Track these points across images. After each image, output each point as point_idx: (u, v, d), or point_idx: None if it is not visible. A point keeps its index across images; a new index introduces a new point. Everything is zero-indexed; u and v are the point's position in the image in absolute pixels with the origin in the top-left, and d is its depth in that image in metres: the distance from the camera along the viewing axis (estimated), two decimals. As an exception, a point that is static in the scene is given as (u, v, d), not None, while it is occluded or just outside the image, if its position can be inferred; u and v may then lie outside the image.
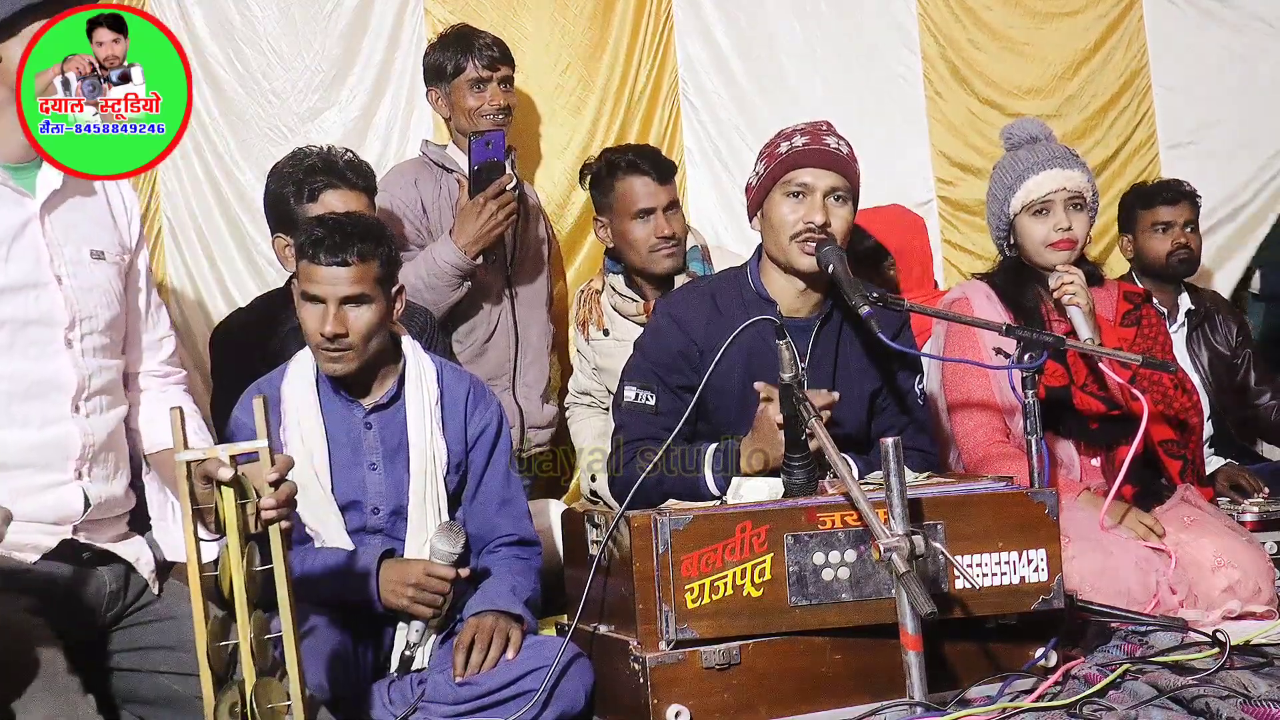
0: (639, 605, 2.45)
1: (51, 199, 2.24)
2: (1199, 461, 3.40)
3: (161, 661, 2.22)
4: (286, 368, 2.78)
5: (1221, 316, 4.35)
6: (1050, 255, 3.20)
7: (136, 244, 2.41)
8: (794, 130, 2.86)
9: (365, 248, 2.64)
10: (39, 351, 2.19)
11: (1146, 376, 3.14)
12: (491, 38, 3.69)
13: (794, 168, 2.79)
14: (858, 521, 2.46)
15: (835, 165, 2.81)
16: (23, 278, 2.18)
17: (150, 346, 2.45)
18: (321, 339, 2.63)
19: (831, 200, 2.80)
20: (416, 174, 3.69)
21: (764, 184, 2.84)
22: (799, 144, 2.81)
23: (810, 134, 2.84)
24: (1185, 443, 3.28)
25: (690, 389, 2.82)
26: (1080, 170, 3.22)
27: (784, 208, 2.80)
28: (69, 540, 2.19)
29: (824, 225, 2.77)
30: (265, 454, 2.05)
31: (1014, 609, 2.57)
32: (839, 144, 2.84)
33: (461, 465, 2.79)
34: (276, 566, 2.04)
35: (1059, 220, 3.18)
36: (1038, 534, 2.57)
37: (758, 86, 4.39)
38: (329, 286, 2.62)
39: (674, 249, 3.55)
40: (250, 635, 2.01)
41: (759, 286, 2.88)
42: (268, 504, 2.04)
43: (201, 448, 2.05)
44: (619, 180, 3.56)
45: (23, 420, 2.17)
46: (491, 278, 3.65)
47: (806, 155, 2.79)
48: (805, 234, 2.77)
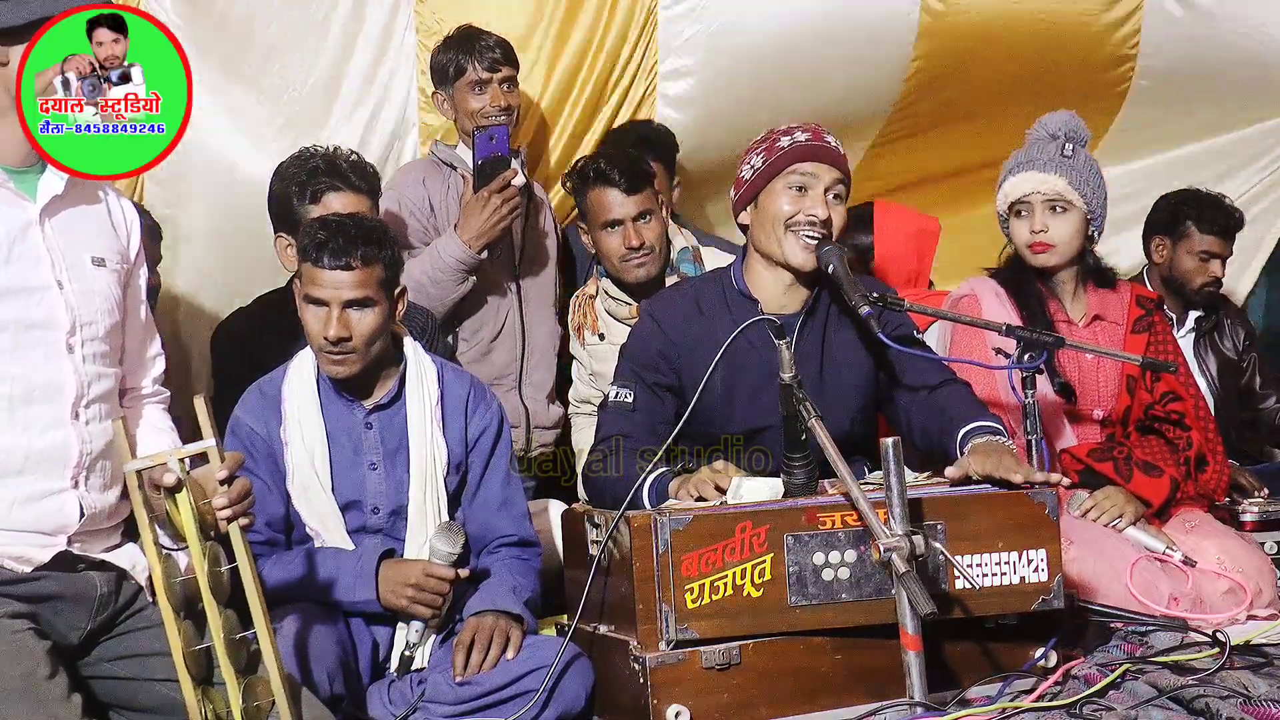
0: (639, 605, 2.45)
1: (52, 204, 2.23)
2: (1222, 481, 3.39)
3: (158, 669, 2.21)
4: (287, 367, 2.78)
5: (1230, 323, 4.35)
6: (1030, 257, 3.20)
7: (136, 257, 2.41)
8: (793, 127, 2.87)
9: (369, 251, 2.64)
10: (41, 356, 2.19)
11: None
12: (495, 38, 3.68)
13: (798, 160, 2.80)
14: (858, 521, 2.46)
15: (838, 163, 2.83)
16: (23, 281, 2.18)
17: (144, 363, 2.45)
18: (325, 342, 2.64)
19: (831, 197, 2.81)
20: (425, 173, 3.69)
21: (764, 175, 2.83)
22: (802, 139, 2.82)
23: (812, 131, 2.85)
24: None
25: (669, 388, 2.83)
26: (1064, 174, 3.19)
27: (784, 199, 2.80)
28: (63, 552, 2.19)
29: (826, 220, 2.78)
30: (214, 453, 2.04)
31: (1014, 609, 2.57)
32: (838, 143, 2.86)
33: (461, 466, 2.79)
34: (241, 564, 2.04)
35: (1034, 223, 3.19)
36: (1038, 534, 2.57)
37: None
38: (332, 290, 2.62)
39: (645, 258, 3.51)
40: (222, 635, 2.01)
41: (741, 285, 2.88)
42: (219, 503, 2.04)
43: (148, 454, 2.04)
44: (590, 190, 3.55)
45: (24, 425, 2.17)
46: (498, 275, 3.65)
47: (811, 150, 2.81)
48: (807, 226, 2.78)
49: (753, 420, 2.82)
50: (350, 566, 2.62)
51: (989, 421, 2.75)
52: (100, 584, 2.22)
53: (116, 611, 2.25)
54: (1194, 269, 4.21)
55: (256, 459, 2.69)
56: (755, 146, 2.89)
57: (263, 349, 3.08)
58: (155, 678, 2.22)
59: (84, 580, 2.21)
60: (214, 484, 2.06)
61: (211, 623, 2.02)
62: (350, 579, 2.61)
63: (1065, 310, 3.25)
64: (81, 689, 2.11)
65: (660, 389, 2.83)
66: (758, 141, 2.90)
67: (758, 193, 2.85)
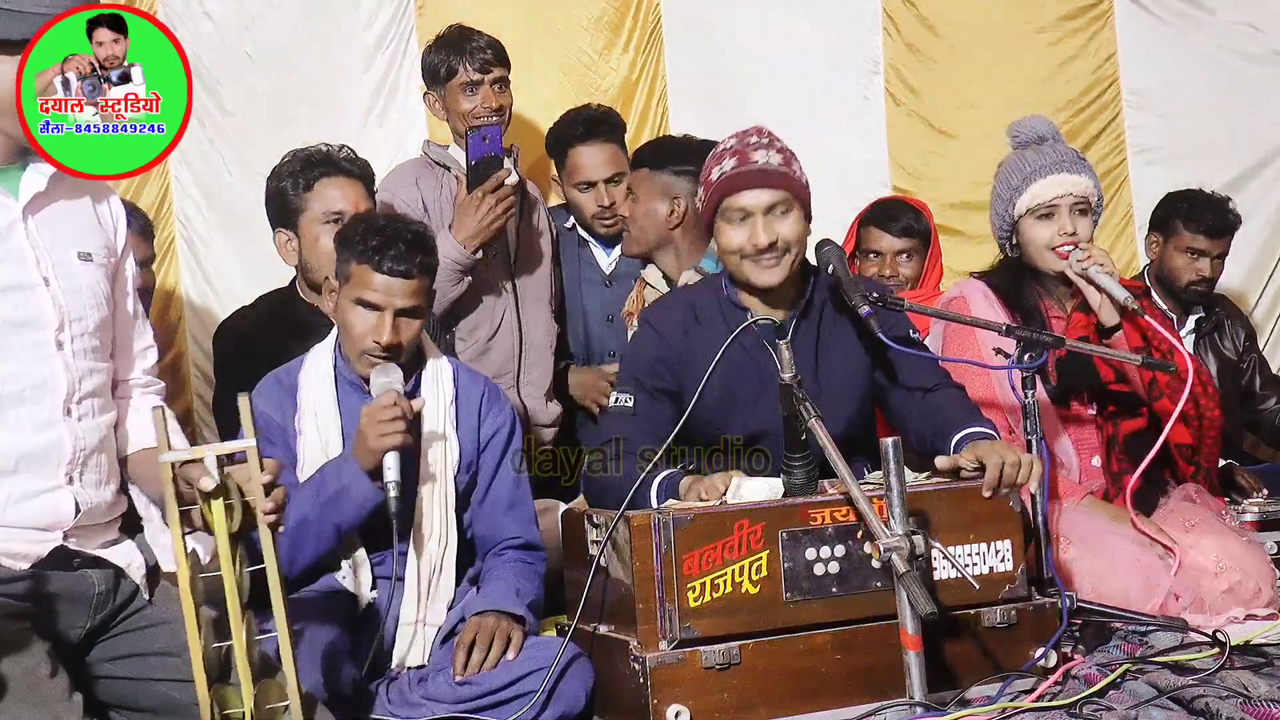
0: (639, 605, 2.45)
1: (35, 201, 2.22)
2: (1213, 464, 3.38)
3: (158, 668, 2.21)
4: (304, 359, 2.80)
5: (1230, 323, 4.36)
6: (1052, 260, 3.19)
7: (123, 250, 2.40)
8: (724, 150, 2.83)
9: (426, 261, 2.70)
10: (31, 354, 2.18)
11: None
12: (486, 39, 3.67)
13: (728, 194, 2.77)
14: (846, 517, 2.49)
15: (769, 182, 2.77)
16: (10, 279, 2.17)
17: (137, 355, 2.45)
18: (374, 345, 2.65)
19: (775, 216, 2.77)
20: (418, 174, 3.69)
21: (707, 211, 2.84)
22: (729, 168, 2.78)
23: (738, 154, 2.79)
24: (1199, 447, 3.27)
25: (668, 393, 2.83)
26: (1087, 175, 3.20)
27: (729, 233, 2.79)
28: (60, 547, 2.19)
29: (772, 243, 2.75)
30: (253, 454, 2.03)
31: (984, 598, 2.60)
32: (768, 157, 2.79)
33: (473, 465, 2.80)
34: (269, 566, 2.03)
35: (1064, 225, 3.16)
36: (1004, 526, 2.63)
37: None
38: (387, 296, 2.65)
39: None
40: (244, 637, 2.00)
41: (731, 293, 2.88)
42: (267, 507, 2.03)
43: (187, 448, 2.03)
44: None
45: (15, 424, 2.16)
46: (494, 274, 3.65)
47: (740, 178, 2.76)
48: (755, 254, 2.76)
49: (752, 425, 2.82)
50: (329, 468, 2.64)
51: (983, 427, 2.76)
52: (98, 582, 2.22)
53: (115, 610, 2.25)
54: (1182, 266, 4.26)
55: (273, 441, 2.71)
56: (702, 175, 2.88)
57: (265, 347, 3.09)
58: (155, 677, 2.22)
59: (82, 579, 2.21)
60: (251, 484, 2.03)
61: (233, 624, 2.01)
62: (333, 473, 2.62)
63: (1059, 309, 3.24)
64: (82, 688, 2.11)
65: (660, 394, 2.83)
66: (704, 168, 2.87)
67: (710, 226, 2.86)
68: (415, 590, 2.69)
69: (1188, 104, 4.86)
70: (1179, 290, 4.27)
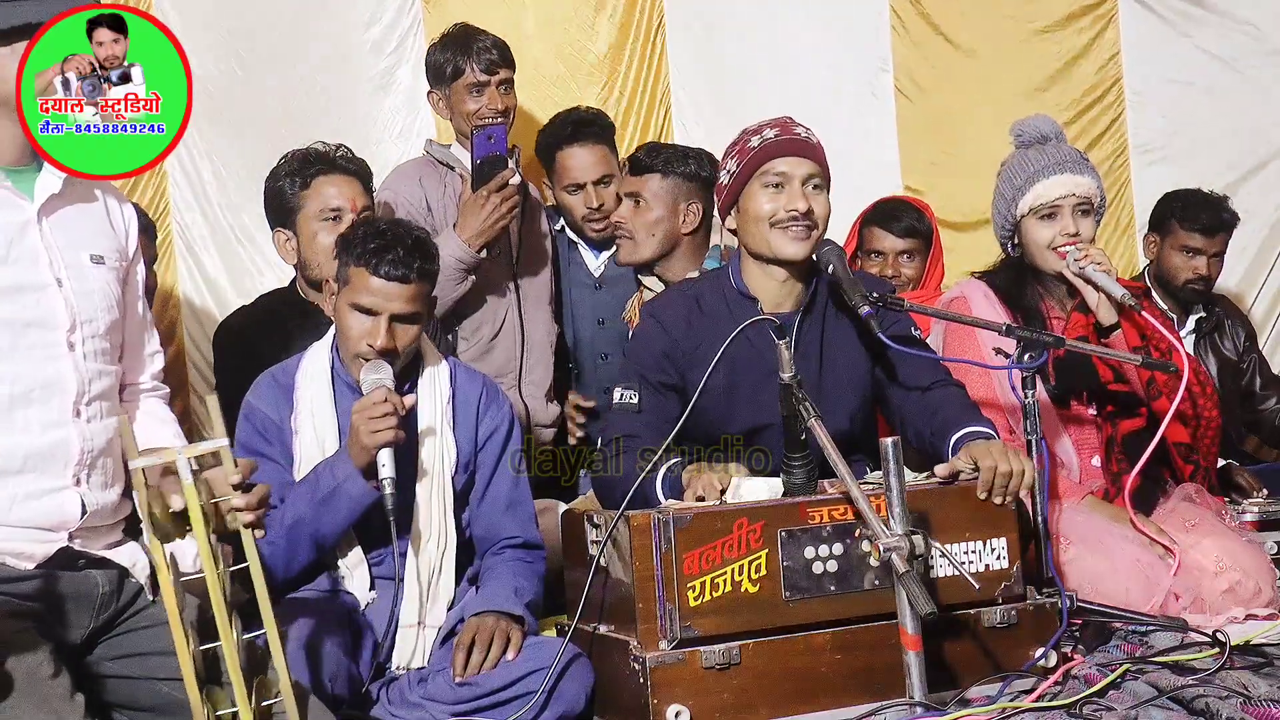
0: (639, 605, 2.45)
1: (50, 203, 2.23)
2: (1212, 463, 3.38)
3: (159, 668, 2.21)
4: (301, 357, 2.80)
5: (1231, 323, 4.36)
6: (1053, 260, 3.18)
7: (134, 254, 2.41)
8: (761, 125, 2.87)
9: (426, 266, 2.68)
10: (42, 354, 2.19)
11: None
12: (492, 39, 3.68)
13: (770, 158, 2.81)
14: (844, 516, 2.49)
15: (809, 153, 2.83)
16: (22, 280, 2.18)
17: (145, 359, 2.46)
18: (369, 349, 2.64)
19: (810, 188, 2.81)
20: (421, 172, 3.70)
21: (740, 178, 2.84)
22: (770, 135, 2.83)
23: (780, 125, 2.86)
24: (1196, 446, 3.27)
25: (673, 387, 2.83)
26: (1090, 175, 3.20)
27: (762, 199, 2.81)
28: (65, 548, 2.19)
29: (808, 211, 2.78)
30: (225, 453, 2.01)
31: (981, 596, 2.59)
32: (808, 133, 2.87)
33: (470, 465, 2.80)
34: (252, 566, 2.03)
35: (1066, 225, 3.16)
36: (999, 524, 2.63)
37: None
38: (384, 301, 2.64)
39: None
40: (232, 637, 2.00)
41: (740, 285, 2.88)
42: (238, 504, 2.03)
43: (156, 452, 2.03)
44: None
45: (24, 425, 2.17)
46: (497, 274, 3.65)
47: (781, 145, 2.81)
48: (789, 221, 2.78)
49: (753, 419, 2.82)
50: (323, 467, 2.64)
51: (981, 426, 2.76)
52: (102, 583, 2.22)
53: (118, 611, 2.25)
54: (1179, 265, 4.28)
55: (271, 441, 2.71)
56: (730, 150, 2.91)
57: (265, 346, 3.10)
58: (156, 676, 2.22)
59: (86, 579, 2.21)
60: (224, 484, 2.04)
61: (219, 623, 2.01)
62: (327, 471, 2.62)
63: (1060, 309, 3.24)
64: (84, 688, 2.11)
65: (664, 389, 2.83)
66: (732, 144, 2.91)
67: (738, 196, 2.86)
68: (415, 592, 2.69)
69: (1191, 103, 4.86)
70: (1177, 289, 4.28)
